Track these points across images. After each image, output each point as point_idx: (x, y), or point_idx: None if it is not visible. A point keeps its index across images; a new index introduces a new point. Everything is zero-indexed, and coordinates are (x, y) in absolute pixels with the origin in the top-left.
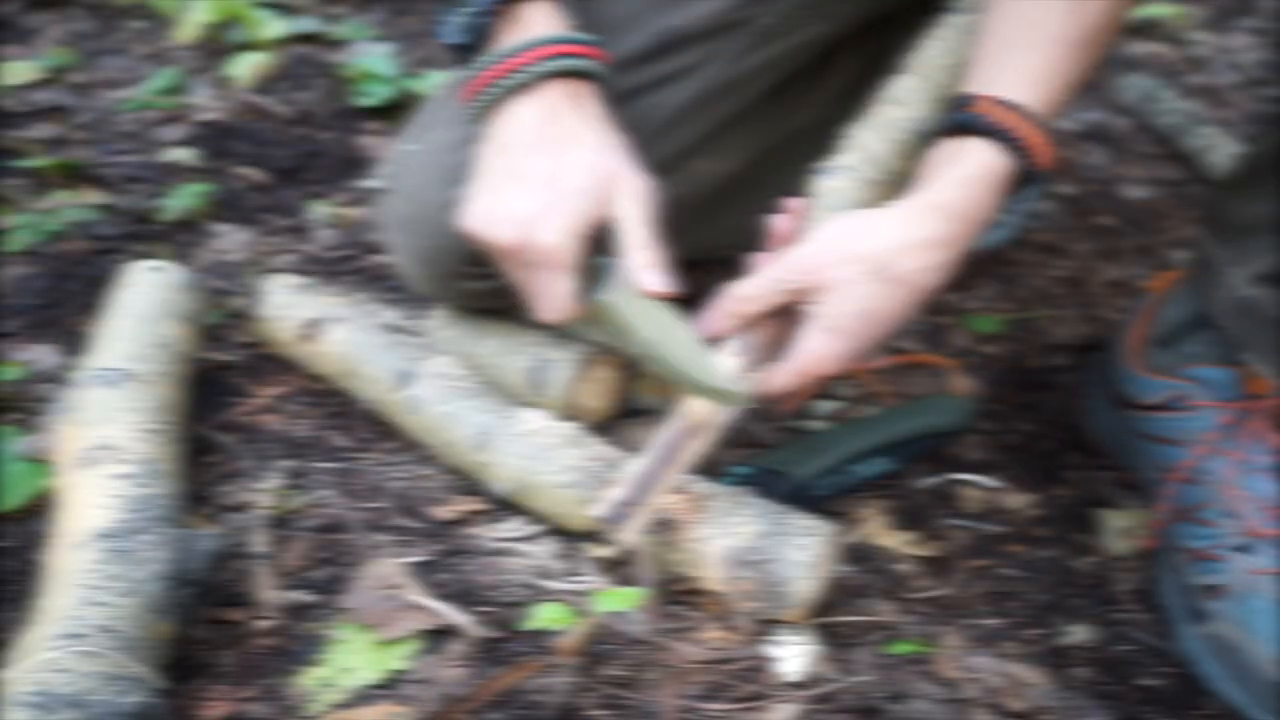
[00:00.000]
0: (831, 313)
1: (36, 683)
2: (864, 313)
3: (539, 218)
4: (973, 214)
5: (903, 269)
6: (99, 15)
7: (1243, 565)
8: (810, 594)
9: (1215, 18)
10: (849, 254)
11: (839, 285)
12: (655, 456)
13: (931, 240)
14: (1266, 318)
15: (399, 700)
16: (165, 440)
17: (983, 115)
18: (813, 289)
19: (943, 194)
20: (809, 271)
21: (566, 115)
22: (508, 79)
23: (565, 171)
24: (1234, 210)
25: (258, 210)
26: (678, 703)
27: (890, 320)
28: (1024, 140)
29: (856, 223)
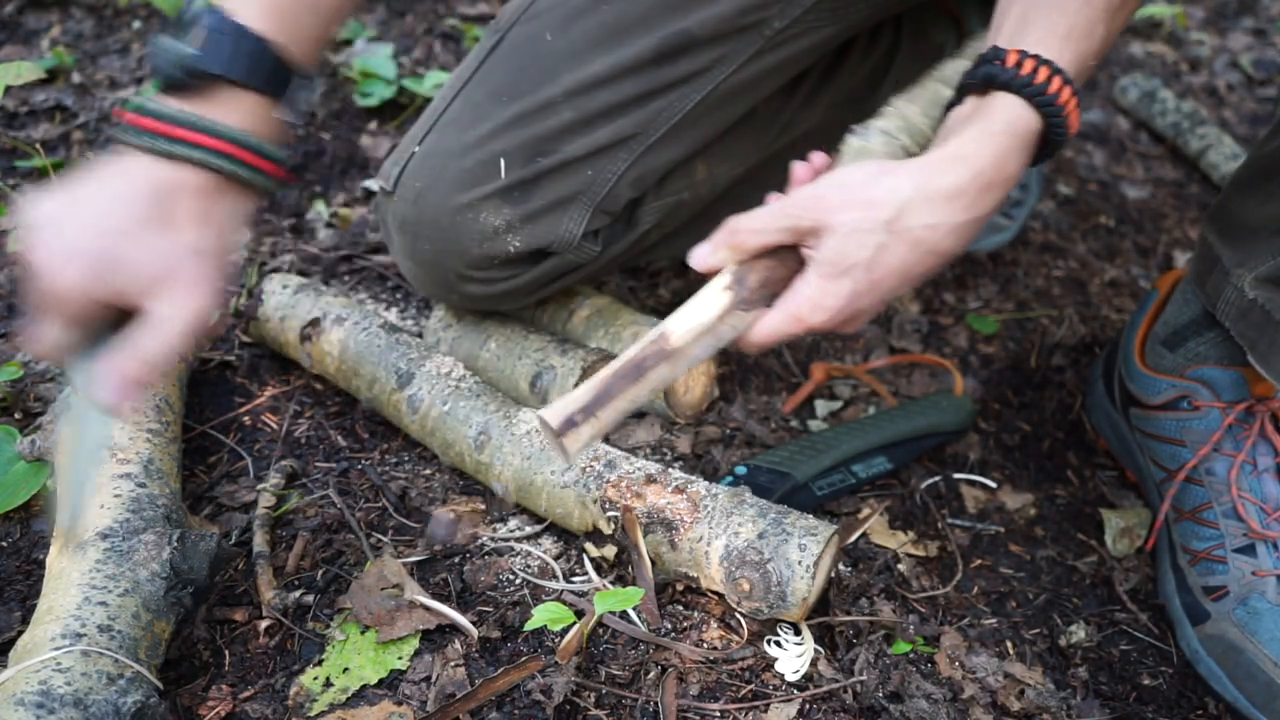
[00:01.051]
0: (832, 258)
1: (37, 682)
2: (866, 263)
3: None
4: (996, 170)
5: (915, 222)
6: (99, 15)
7: (1245, 566)
8: (810, 594)
9: (1215, 18)
10: (859, 198)
11: (843, 229)
12: (618, 371)
13: (949, 192)
14: (1271, 320)
15: (399, 700)
16: (164, 440)
17: (1011, 69)
18: (816, 229)
19: (965, 146)
20: (814, 210)
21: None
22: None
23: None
24: (1241, 211)
25: (258, 210)
26: (678, 703)
27: (893, 278)
28: (1055, 97)
29: (872, 167)
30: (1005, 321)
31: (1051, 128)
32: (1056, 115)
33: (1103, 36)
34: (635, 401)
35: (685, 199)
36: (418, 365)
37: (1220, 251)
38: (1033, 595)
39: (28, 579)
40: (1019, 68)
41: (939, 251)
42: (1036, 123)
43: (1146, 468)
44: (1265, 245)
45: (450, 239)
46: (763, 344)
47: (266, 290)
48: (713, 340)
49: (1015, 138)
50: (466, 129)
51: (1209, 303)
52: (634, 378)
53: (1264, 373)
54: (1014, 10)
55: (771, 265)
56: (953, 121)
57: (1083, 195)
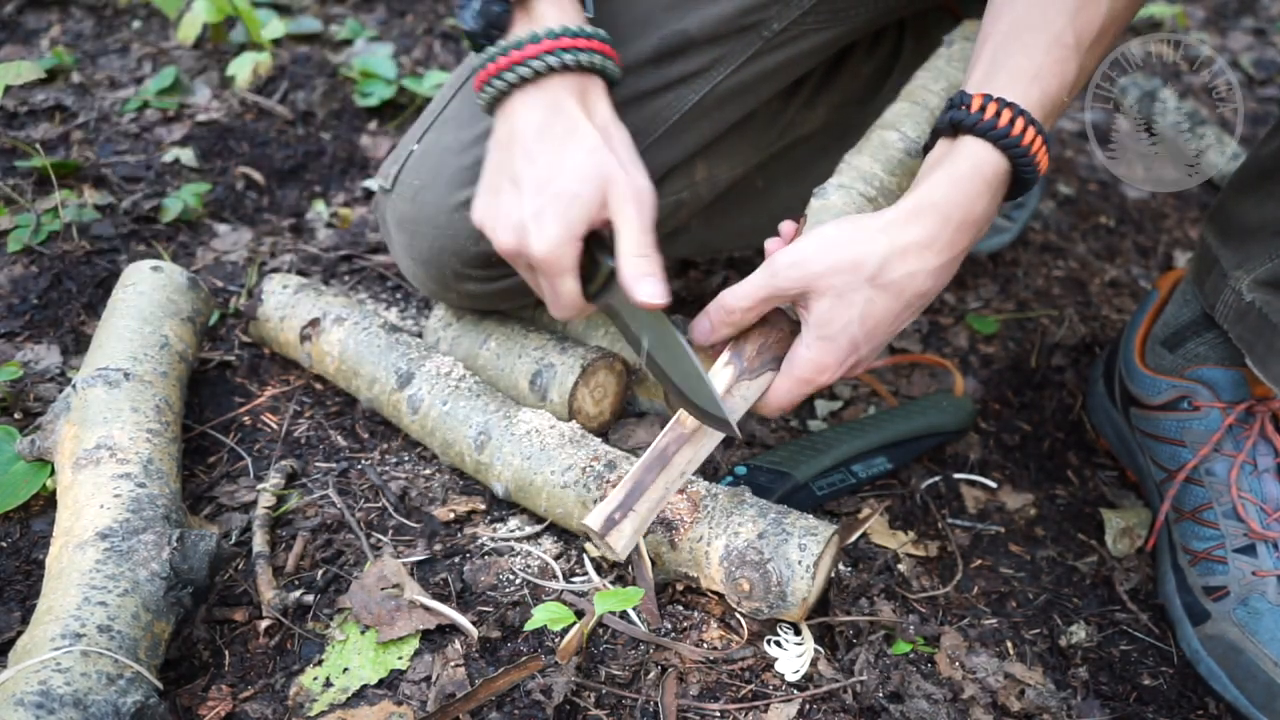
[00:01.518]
0: (825, 320)
1: (37, 682)
2: (859, 319)
3: (531, 223)
4: (964, 213)
5: (895, 274)
6: (99, 15)
7: (1245, 566)
8: (810, 594)
9: (1215, 18)
10: (840, 261)
11: (831, 293)
12: (646, 464)
13: (921, 243)
14: (1268, 323)
15: (399, 700)
16: (165, 440)
17: (975, 113)
18: (803, 295)
19: (932, 193)
20: (798, 279)
21: (569, 111)
22: (512, 71)
23: (559, 174)
24: (1239, 212)
25: (258, 210)
26: (678, 703)
27: (886, 327)
28: (1019, 139)
29: (846, 228)
30: (1005, 321)
31: (1019, 169)
32: (1022, 157)
33: (1075, 72)
34: (670, 487)
35: (685, 199)
36: (418, 365)
37: (1219, 253)
38: (1033, 595)
39: (27, 579)
40: (983, 112)
41: (923, 293)
42: (1003, 165)
43: (1147, 468)
44: (1263, 247)
45: (448, 236)
46: (779, 410)
47: (266, 290)
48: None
49: (982, 181)
50: (465, 127)
51: (1207, 304)
52: (660, 466)
53: (1261, 376)
54: (985, 52)
55: (764, 331)
56: (926, 164)
57: (1083, 195)
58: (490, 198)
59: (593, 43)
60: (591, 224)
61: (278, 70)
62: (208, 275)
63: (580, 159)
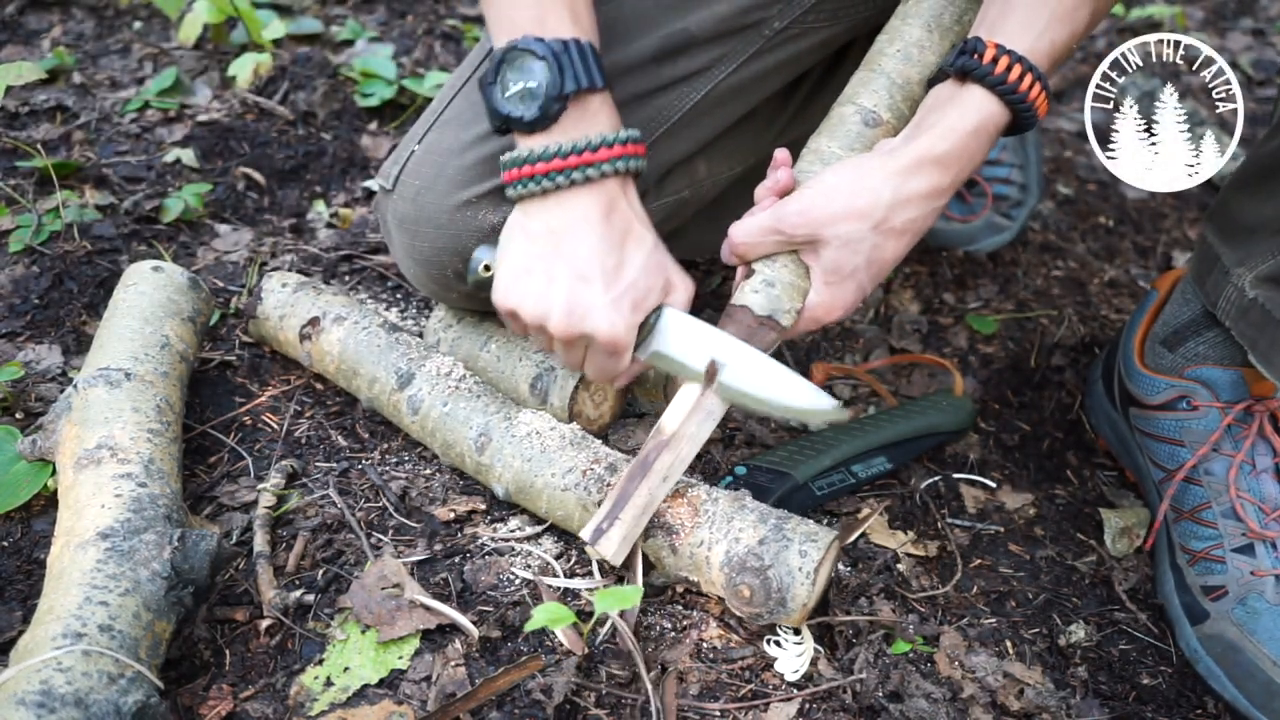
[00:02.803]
0: (834, 268)
1: (38, 682)
2: (865, 265)
3: (606, 309)
4: (965, 163)
5: (899, 221)
6: (99, 15)
7: (1243, 566)
8: (810, 600)
9: (1214, 18)
10: (847, 210)
11: (837, 241)
12: (629, 474)
13: (925, 193)
14: (1271, 319)
15: (399, 699)
16: (166, 440)
17: (987, 65)
18: (811, 241)
19: (938, 145)
20: (805, 225)
21: (623, 210)
22: (576, 172)
23: (629, 268)
24: (1240, 210)
25: (258, 210)
26: (678, 702)
27: (890, 265)
28: (1025, 95)
29: (849, 175)
30: (1005, 321)
31: (1019, 119)
32: (1026, 111)
33: (1087, 18)
34: (654, 493)
35: (687, 197)
36: (418, 365)
37: (1220, 251)
38: (1032, 595)
39: (28, 579)
40: (994, 65)
41: (922, 231)
42: (1006, 117)
43: (1145, 468)
44: (1265, 244)
45: (449, 237)
46: None
47: (265, 289)
48: (704, 416)
49: (986, 135)
50: (465, 127)
51: (1209, 302)
52: (642, 474)
53: (1265, 371)
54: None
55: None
56: (931, 104)
57: (1082, 195)
58: (529, 281)
59: (640, 148)
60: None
61: (278, 71)
62: (208, 275)
63: (643, 258)
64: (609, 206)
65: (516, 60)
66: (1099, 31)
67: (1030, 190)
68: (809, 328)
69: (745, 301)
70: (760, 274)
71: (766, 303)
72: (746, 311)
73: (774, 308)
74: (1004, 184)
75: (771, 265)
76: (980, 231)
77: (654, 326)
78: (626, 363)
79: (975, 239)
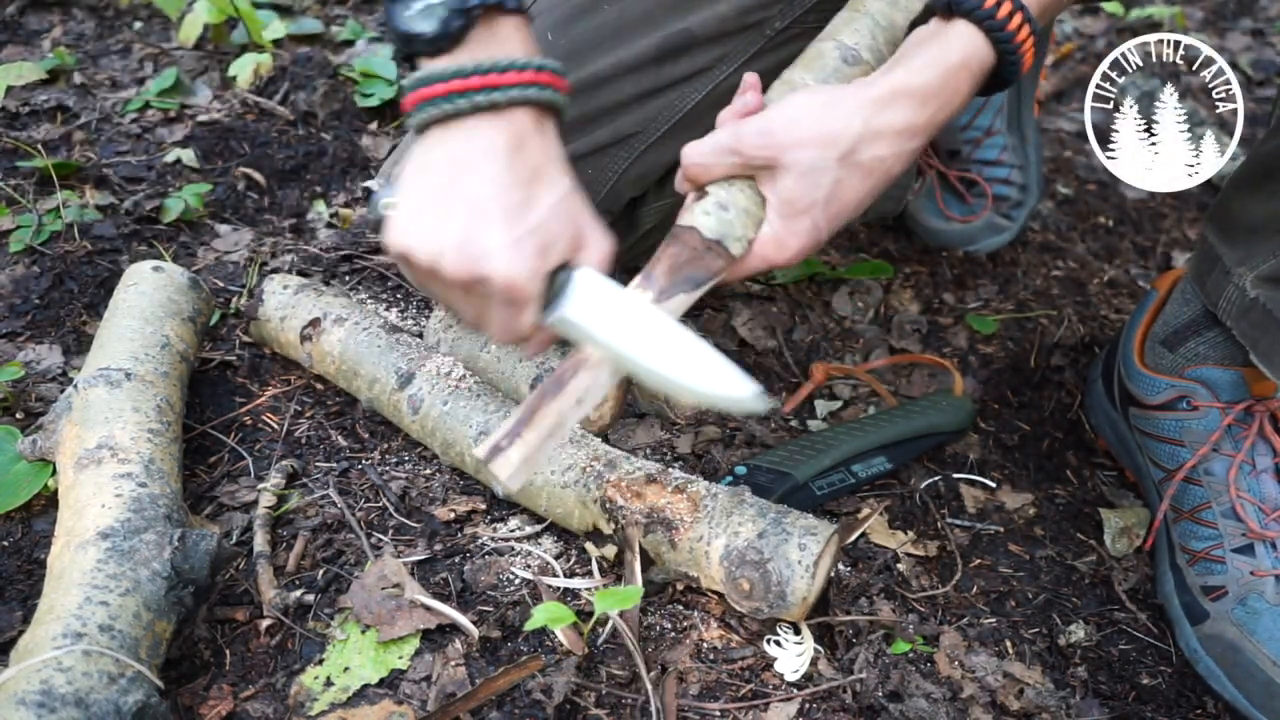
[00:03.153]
0: (790, 198)
1: (38, 681)
2: (824, 200)
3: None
4: (944, 101)
5: (866, 157)
6: (100, 16)
7: (1243, 566)
8: (810, 593)
9: (1214, 18)
10: (814, 135)
11: (798, 168)
12: (540, 390)
13: (898, 128)
14: (1272, 318)
15: (399, 699)
16: (166, 440)
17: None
18: (769, 165)
19: (916, 78)
20: (766, 146)
21: (534, 147)
22: (479, 95)
23: (535, 210)
24: (1241, 210)
25: (258, 210)
26: (678, 702)
27: (850, 209)
28: (1013, 35)
29: (819, 99)
30: (1005, 321)
31: (1005, 65)
32: (1012, 54)
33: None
34: (564, 416)
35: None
36: (418, 365)
37: (1221, 251)
38: (1032, 595)
39: (28, 579)
40: None
41: (890, 176)
42: (991, 59)
43: (1145, 467)
44: (1266, 244)
45: None
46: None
47: (266, 290)
48: None
49: (967, 73)
50: None
51: (1209, 301)
52: (555, 392)
53: (1266, 371)
54: None
55: (676, 250)
56: (914, 39)
57: (1082, 195)
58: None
59: (559, 80)
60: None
61: (279, 71)
62: (209, 275)
63: (554, 201)
64: (518, 140)
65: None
66: (1099, 31)
67: (1030, 191)
68: (756, 267)
69: (695, 223)
70: (713, 196)
71: (717, 226)
72: (694, 234)
73: (725, 232)
74: (1004, 184)
75: (727, 188)
76: (980, 232)
77: (563, 287)
78: (529, 320)
79: (975, 239)
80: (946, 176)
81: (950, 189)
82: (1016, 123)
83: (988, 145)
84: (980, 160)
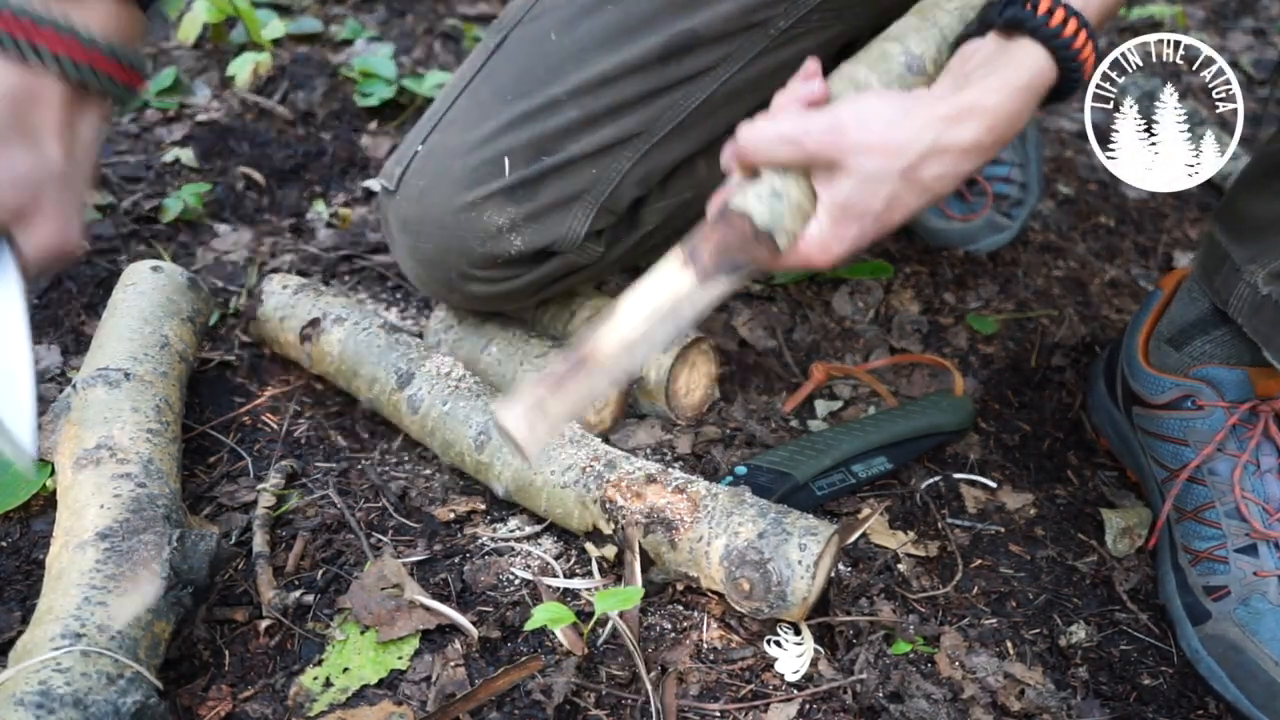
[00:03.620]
0: (845, 204)
1: (37, 682)
2: (878, 211)
3: None
4: (1010, 124)
5: (929, 173)
6: None
7: (1246, 566)
8: (810, 594)
9: (1215, 18)
10: (883, 142)
11: (860, 174)
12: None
13: (964, 147)
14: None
15: (399, 700)
16: (165, 440)
17: (1042, 16)
18: (831, 165)
19: (988, 98)
20: (832, 145)
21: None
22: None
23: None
24: (1250, 208)
25: (258, 210)
26: (678, 703)
27: (898, 220)
28: (1077, 53)
29: (893, 106)
30: (1005, 321)
31: (1066, 80)
32: (1076, 71)
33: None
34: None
35: (689, 198)
36: (418, 365)
37: (1230, 249)
38: (1033, 595)
39: (27, 579)
40: (1050, 16)
41: (940, 194)
42: (1054, 73)
43: (1148, 467)
44: (1277, 241)
45: (453, 238)
46: None
47: (266, 290)
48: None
49: (1034, 94)
50: (470, 128)
51: (1219, 300)
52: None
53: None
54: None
55: (724, 235)
56: (974, 58)
57: (1082, 195)
58: None
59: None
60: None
61: (278, 70)
62: (208, 275)
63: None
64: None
65: None
66: None
67: (1031, 189)
68: (794, 265)
69: (748, 208)
70: (768, 182)
71: (770, 217)
72: (746, 220)
73: (776, 225)
74: (1004, 183)
75: (782, 177)
76: (980, 231)
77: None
78: None
79: (975, 238)
80: None
81: None
82: None
83: None
84: None
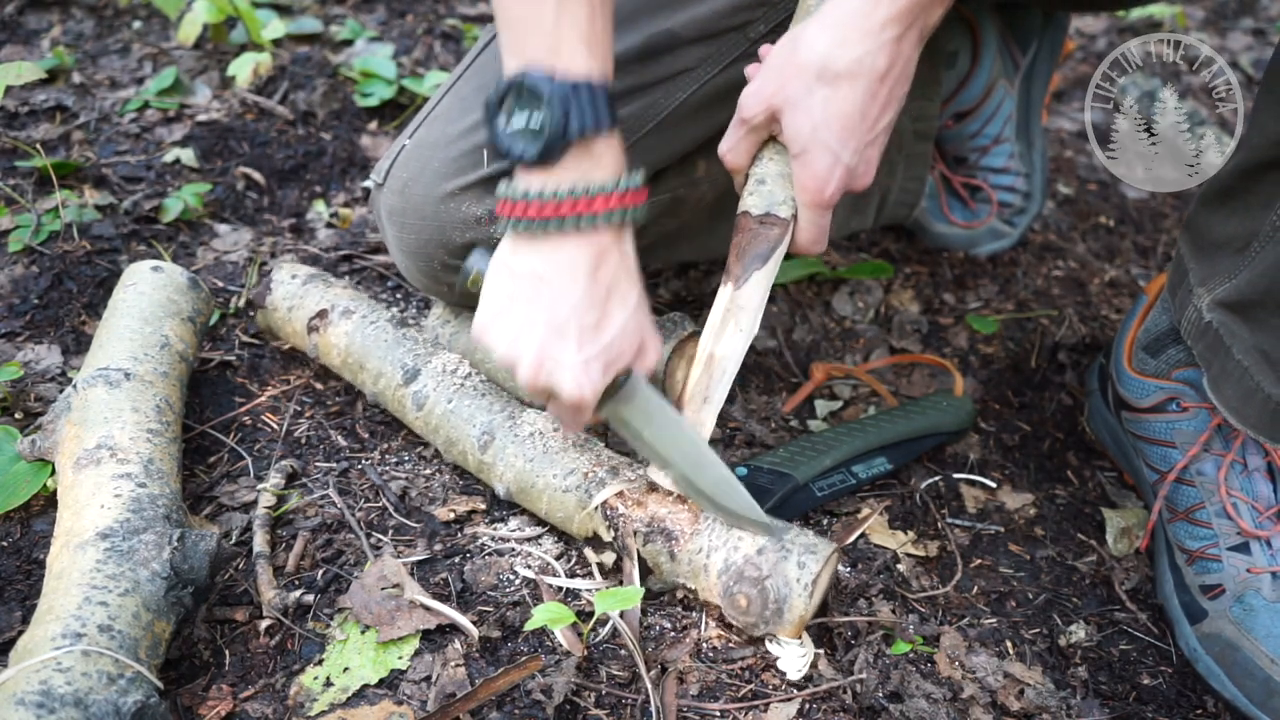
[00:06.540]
0: (794, 136)
1: (37, 682)
2: (823, 122)
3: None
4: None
5: (842, 63)
6: (99, 16)
7: (1239, 564)
8: (807, 612)
9: (1215, 18)
10: (787, 70)
11: (789, 105)
12: None
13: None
14: (1222, 344)
15: (399, 700)
16: (166, 440)
17: None
18: (772, 117)
19: None
20: (760, 104)
21: (612, 263)
22: (571, 222)
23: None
24: (1207, 226)
25: (257, 210)
26: (678, 703)
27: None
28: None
29: (785, 39)
30: (1005, 321)
31: None
32: None
33: None
34: None
35: (683, 195)
36: (424, 361)
37: (1189, 265)
38: (1033, 595)
39: (28, 579)
40: None
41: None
42: None
43: (1141, 470)
44: (1226, 264)
45: (434, 228)
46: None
47: (275, 280)
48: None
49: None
50: (453, 122)
51: (1175, 317)
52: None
53: (1214, 399)
54: None
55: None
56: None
57: (1083, 195)
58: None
59: (640, 196)
60: None
61: (278, 70)
62: (208, 275)
63: (624, 318)
64: (599, 257)
65: (524, 95)
66: (1099, 31)
67: (1034, 198)
68: (812, 214)
69: (744, 207)
70: (752, 175)
71: (760, 201)
72: (745, 216)
73: (768, 204)
74: (1009, 191)
75: (760, 163)
76: (982, 237)
77: (620, 387)
78: (587, 419)
79: (976, 244)
80: (951, 182)
81: (954, 194)
82: (1025, 130)
83: (995, 152)
84: (987, 167)
